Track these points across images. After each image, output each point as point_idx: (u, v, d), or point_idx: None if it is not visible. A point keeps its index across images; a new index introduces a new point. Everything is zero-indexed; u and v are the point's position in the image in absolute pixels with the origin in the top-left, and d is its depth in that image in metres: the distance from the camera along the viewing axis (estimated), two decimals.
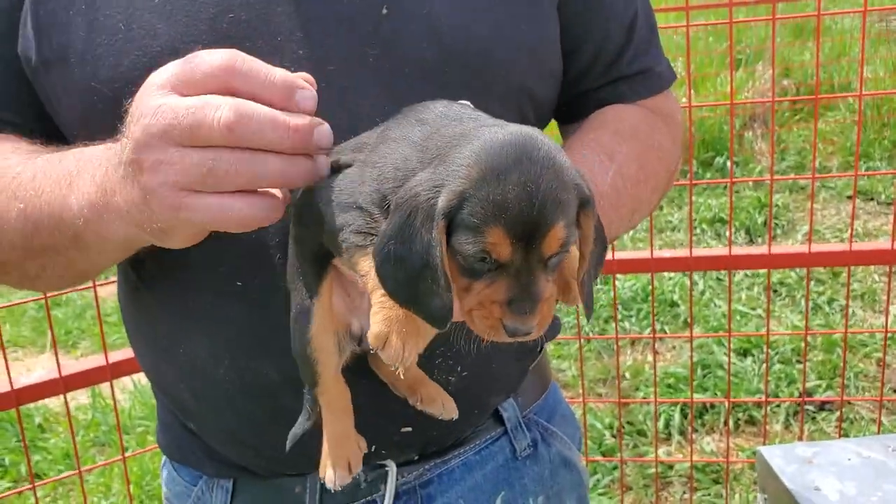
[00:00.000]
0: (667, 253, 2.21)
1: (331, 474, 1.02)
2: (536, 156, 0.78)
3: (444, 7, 1.06)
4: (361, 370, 1.08)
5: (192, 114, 0.82)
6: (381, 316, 0.85)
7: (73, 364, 2.10)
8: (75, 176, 0.97)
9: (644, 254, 2.25)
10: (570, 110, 1.26)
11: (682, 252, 2.18)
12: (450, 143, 0.81)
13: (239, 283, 1.08)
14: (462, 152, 0.79)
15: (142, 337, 1.23)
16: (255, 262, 1.06)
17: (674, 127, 1.28)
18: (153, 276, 1.16)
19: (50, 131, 1.15)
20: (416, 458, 1.22)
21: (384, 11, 1.05)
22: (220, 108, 0.82)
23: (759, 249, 2.15)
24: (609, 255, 2.21)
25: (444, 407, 1.06)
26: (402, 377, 0.93)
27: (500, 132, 0.79)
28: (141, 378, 4.54)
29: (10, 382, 1.96)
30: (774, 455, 1.61)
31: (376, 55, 1.05)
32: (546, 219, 0.77)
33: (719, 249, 2.31)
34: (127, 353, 2.18)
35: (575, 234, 0.81)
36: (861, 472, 1.56)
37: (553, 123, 1.32)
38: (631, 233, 5.52)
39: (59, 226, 0.98)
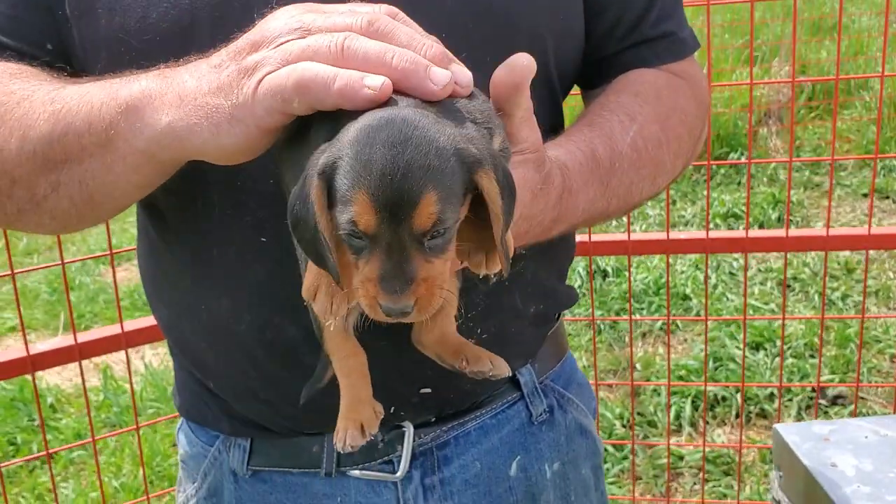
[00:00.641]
0: (683, 234, 2.19)
1: (342, 435, 1.01)
2: (413, 120, 0.77)
3: None
4: (380, 331, 1.07)
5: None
6: (313, 270, 0.86)
7: (89, 333, 2.12)
8: (138, 77, 0.94)
9: (660, 235, 2.23)
10: (593, 75, 1.26)
11: (698, 233, 2.16)
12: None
13: (263, 239, 1.08)
14: (353, 124, 0.79)
15: (162, 295, 1.23)
16: (278, 216, 1.05)
17: (698, 91, 1.27)
18: (175, 232, 1.15)
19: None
20: (433, 419, 1.22)
21: None
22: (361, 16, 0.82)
23: (776, 232, 2.14)
24: (624, 237, 2.21)
25: (493, 364, 1.03)
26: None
27: (388, 108, 0.79)
28: (153, 360, 4.57)
29: (27, 348, 1.97)
30: (791, 432, 1.60)
31: None
32: (414, 185, 0.75)
33: (736, 232, 2.29)
34: (141, 322, 2.19)
35: (457, 215, 0.78)
36: (878, 449, 1.55)
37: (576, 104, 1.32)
38: (644, 225, 5.51)
39: (93, 122, 0.94)
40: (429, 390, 1.18)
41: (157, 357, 4.64)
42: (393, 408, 1.18)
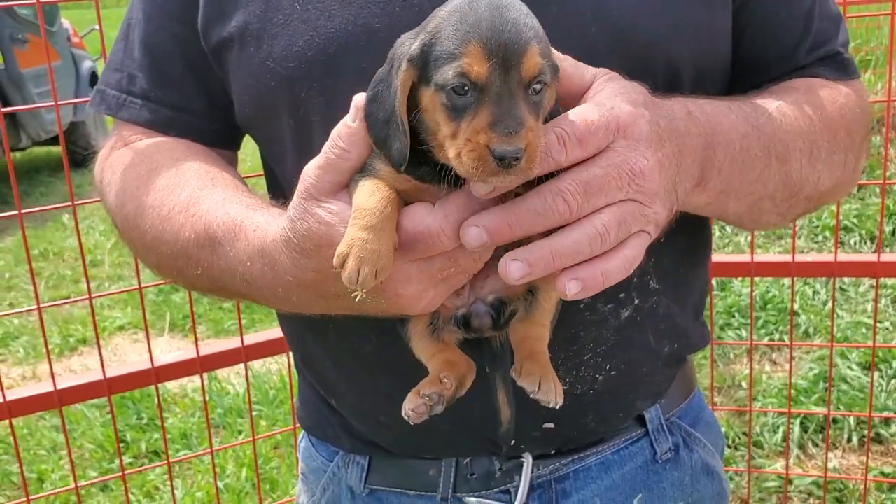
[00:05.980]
0: (809, 257, 2.09)
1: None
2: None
3: None
4: (506, 364, 1.06)
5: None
6: (347, 237, 0.86)
7: (210, 345, 2.18)
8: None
9: (785, 257, 2.13)
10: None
11: (827, 256, 2.06)
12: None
13: None
14: (441, 9, 0.85)
15: (293, 315, 1.24)
16: None
17: (861, 99, 1.20)
18: None
19: (218, 130, 1.22)
20: (553, 452, 1.20)
21: None
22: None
23: None
24: (747, 258, 2.11)
25: (541, 388, 0.97)
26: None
27: None
28: (254, 363, 4.66)
29: (151, 360, 2.06)
30: None
31: None
32: (521, 36, 0.80)
33: (867, 255, 2.18)
34: (260, 336, 2.25)
35: (550, 74, 0.84)
36: None
37: None
38: (747, 237, 5.32)
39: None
40: (552, 425, 1.16)
41: (258, 360, 4.73)
42: (514, 441, 1.16)
